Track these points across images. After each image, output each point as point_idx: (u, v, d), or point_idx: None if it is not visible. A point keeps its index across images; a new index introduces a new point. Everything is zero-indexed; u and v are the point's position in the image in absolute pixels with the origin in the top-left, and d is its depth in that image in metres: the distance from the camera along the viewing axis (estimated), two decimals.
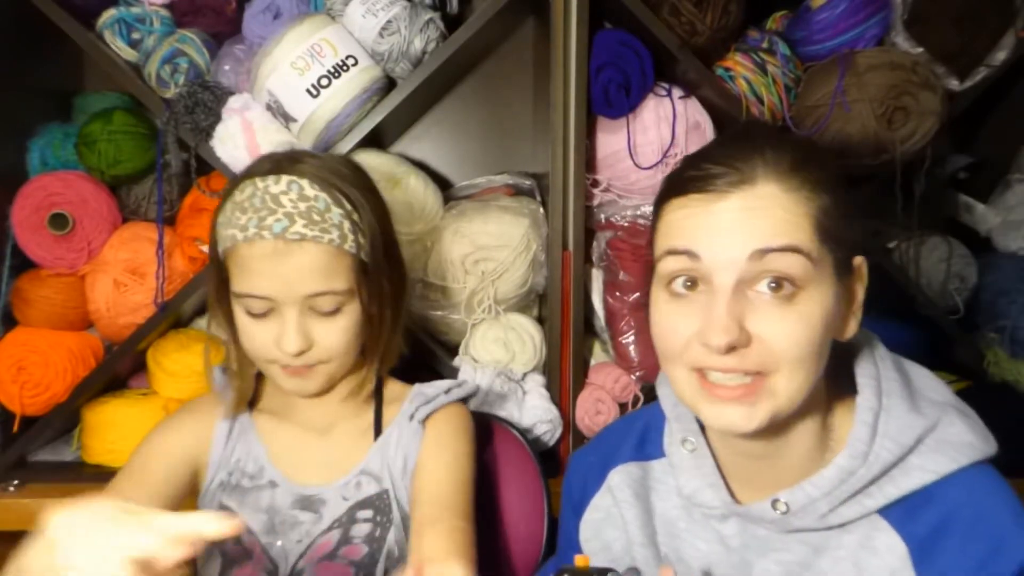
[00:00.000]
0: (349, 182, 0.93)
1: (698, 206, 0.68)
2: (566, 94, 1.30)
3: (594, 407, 1.35)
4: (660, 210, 0.73)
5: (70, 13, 1.30)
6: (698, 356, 0.68)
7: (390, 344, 1.00)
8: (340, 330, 0.93)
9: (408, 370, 1.33)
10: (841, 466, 0.70)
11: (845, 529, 0.72)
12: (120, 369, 1.44)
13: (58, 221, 1.31)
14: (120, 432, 1.37)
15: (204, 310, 1.48)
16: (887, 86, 1.28)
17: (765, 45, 1.39)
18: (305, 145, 1.37)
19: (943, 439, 0.71)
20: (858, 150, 1.32)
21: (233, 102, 1.34)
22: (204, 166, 1.36)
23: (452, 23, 1.39)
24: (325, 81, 1.30)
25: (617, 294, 1.38)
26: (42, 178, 1.34)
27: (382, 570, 0.95)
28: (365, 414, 1.02)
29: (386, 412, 1.02)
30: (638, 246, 1.37)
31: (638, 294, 1.37)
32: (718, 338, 0.65)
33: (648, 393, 1.37)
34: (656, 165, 1.36)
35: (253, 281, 0.89)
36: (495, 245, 1.34)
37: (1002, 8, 1.39)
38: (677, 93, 1.39)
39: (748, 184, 0.67)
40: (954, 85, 1.41)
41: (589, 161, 1.39)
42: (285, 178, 0.90)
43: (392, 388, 1.05)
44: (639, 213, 1.38)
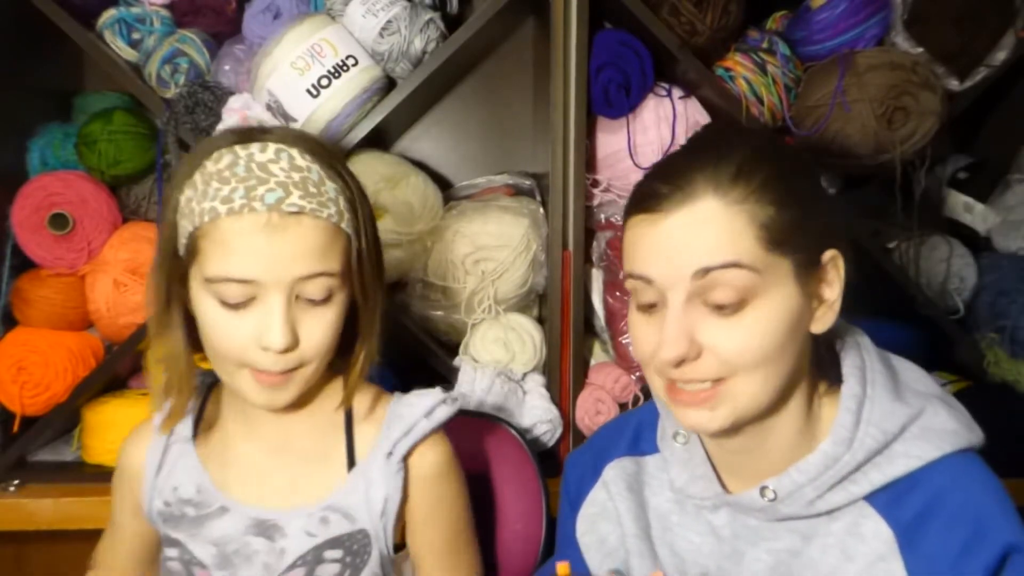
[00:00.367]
0: (335, 154, 0.83)
1: (647, 227, 0.71)
2: (566, 94, 1.30)
3: (594, 407, 1.35)
4: (624, 224, 0.75)
5: (70, 13, 1.30)
6: (661, 366, 0.73)
7: (371, 347, 0.88)
8: (327, 324, 0.81)
9: (408, 370, 1.34)
10: (825, 452, 0.72)
11: (832, 516, 0.73)
12: (120, 369, 1.44)
13: (58, 221, 1.31)
14: (120, 432, 1.36)
15: None
16: (887, 86, 1.28)
17: (765, 45, 1.39)
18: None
19: (927, 427, 0.72)
20: (858, 150, 1.32)
21: (233, 102, 1.34)
22: None
23: (452, 23, 1.39)
24: (325, 81, 1.30)
25: (617, 294, 1.38)
26: (42, 178, 1.34)
27: None
28: (332, 430, 0.89)
29: (358, 434, 0.89)
30: None
31: None
32: (666, 353, 0.70)
33: (648, 393, 1.37)
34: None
35: (236, 261, 0.75)
36: (495, 245, 1.34)
37: (1002, 8, 1.39)
38: (677, 93, 1.39)
39: (690, 202, 0.68)
40: (954, 85, 1.41)
41: (589, 161, 1.39)
42: (272, 145, 0.78)
43: (363, 400, 0.91)
44: None
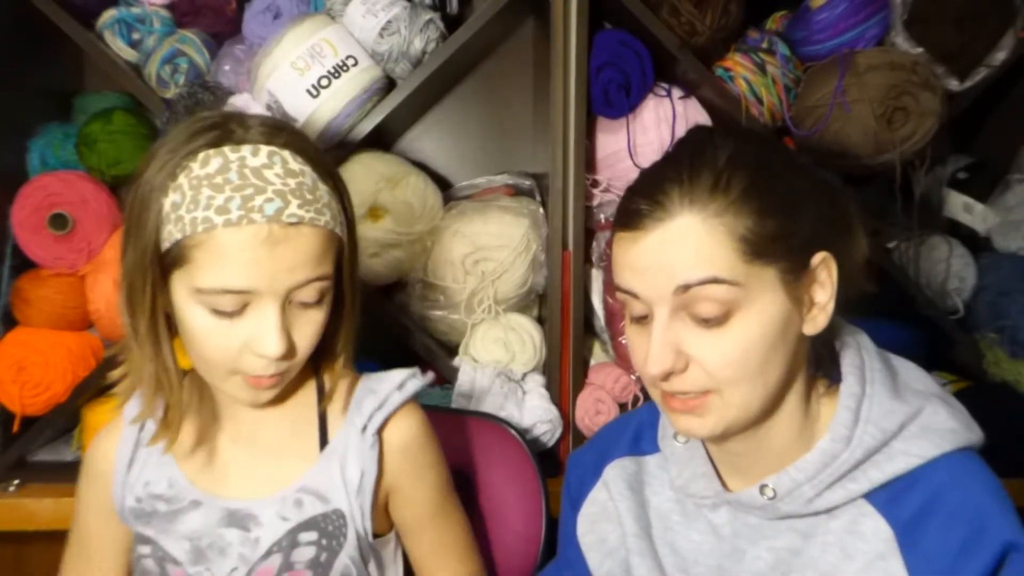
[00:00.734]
0: (316, 148, 0.82)
1: (630, 244, 0.71)
2: (566, 94, 1.30)
3: (594, 407, 1.35)
4: (612, 238, 0.75)
5: (70, 13, 1.30)
6: (650, 380, 0.74)
7: (353, 335, 0.89)
8: (317, 324, 0.81)
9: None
10: (824, 449, 0.72)
11: (832, 515, 0.73)
12: None
13: (58, 221, 1.31)
14: None
15: None
16: (887, 86, 1.28)
17: (765, 45, 1.39)
18: None
19: (926, 425, 0.72)
20: (858, 150, 1.32)
21: (233, 102, 1.34)
22: None
23: (452, 23, 1.39)
24: (325, 81, 1.30)
25: (617, 294, 1.38)
26: (42, 178, 1.34)
27: None
28: (304, 413, 0.89)
29: (330, 414, 0.89)
30: None
31: None
32: (651, 369, 0.71)
33: (648, 393, 1.37)
34: None
35: (233, 273, 0.74)
36: (495, 245, 1.34)
37: (1002, 8, 1.39)
38: (677, 93, 1.39)
39: (668, 218, 0.68)
40: (954, 85, 1.41)
41: (589, 161, 1.39)
42: (264, 148, 0.76)
43: (331, 378, 0.90)
44: None
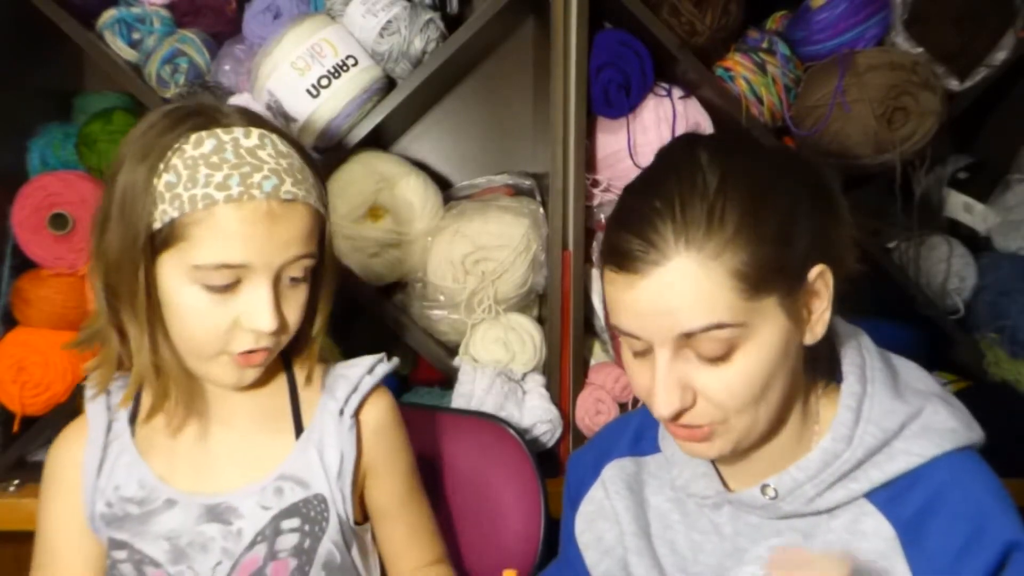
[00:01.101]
0: (291, 136, 0.85)
1: (624, 288, 0.69)
2: (566, 94, 1.30)
3: (594, 407, 1.35)
4: (601, 271, 0.73)
5: (70, 13, 1.30)
6: (658, 418, 0.72)
7: (327, 316, 0.90)
8: (302, 300, 0.84)
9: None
10: (825, 449, 0.72)
11: (833, 514, 0.73)
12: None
13: (58, 221, 1.31)
14: None
15: None
16: (887, 86, 1.28)
17: (765, 45, 1.39)
18: (306, 146, 1.37)
19: (927, 425, 0.72)
20: (858, 150, 1.32)
21: (233, 102, 1.34)
22: None
23: (452, 23, 1.39)
24: (325, 81, 1.30)
25: None
26: (42, 178, 1.34)
27: None
28: (275, 402, 0.90)
29: (303, 401, 0.90)
30: None
31: None
32: (661, 411, 0.70)
33: None
34: None
35: (232, 247, 0.76)
36: (495, 245, 1.34)
37: (1002, 8, 1.39)
38: (677, 93, 1.39)
39: (663, 260, 0.66)
40: (954, 85, 1.41)
41: (589, 161, 1.39)
42: (255, 131, 0.79)
43: (301, 366, 0.91)
44: None
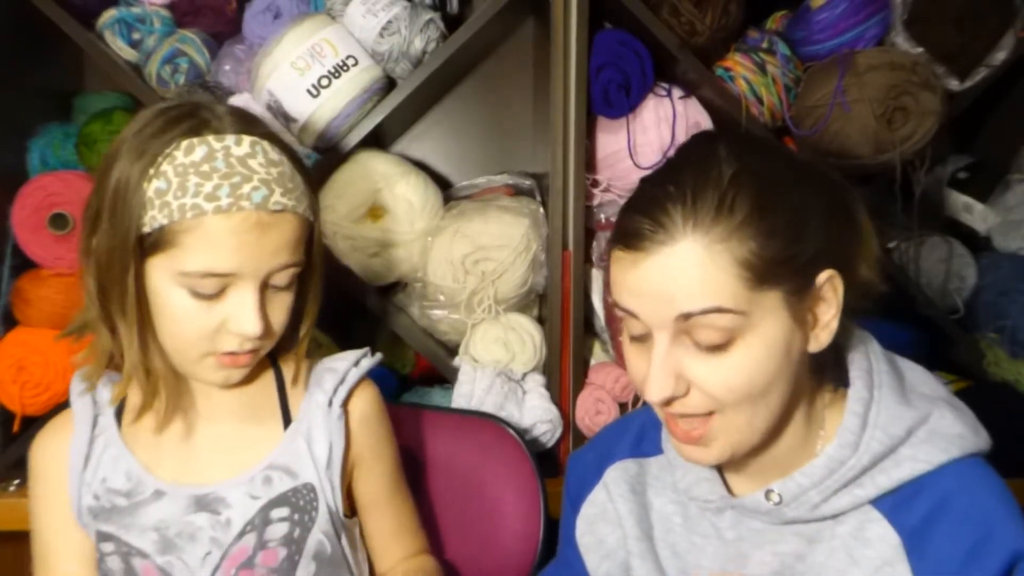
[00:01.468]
0: (284, 140, 0.85)
1: (629, 266, 0.69)
2: (566, 94, 1.30)
3: (594, 407, 1.35)
4: (609, 253, 0.73)
5: (70, 13, 1.29)
6: (651, 404, 0.72)
7: (314, 316, 0.92)
8: (287, 306, 0.85)
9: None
10: (831, 455, 0.71)
11: (838, 520, 0.72)
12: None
13: (58, 221, 1.31)
14: None
15: None
16: (887, 86, 1.28)
17: (765, 45, 1.39)
18: (306, 146, 1.37)
19: (934, 431, 0.71)
20: (858, 150, 1.32)
21: (233, 102, 1.34)
22: None
23: (452, 23, 1.39)
24: (325, 81, 1.30)
25: None
26: (42, 178, 1.34)
27: (309, 572, 0.88)
28: (264, 396, 0.92)
29: (290, 394, 0.92)
30: None
31: None
32: (652, 395, 0.69)
33: None
34: (656, 165, 1.36)
35: (220, 257, 0.78)
36: (495, 245, 1.34)
37: (1002, 8, 1.39)
38: (677, 93, 1.39)
39: (670, 241, 0.66)
40: (954, 85, 1.41)
41: (589, 161, 1.39)
42: (246, 139, 0.80)
43: (288, 362, 0.93)
44: None
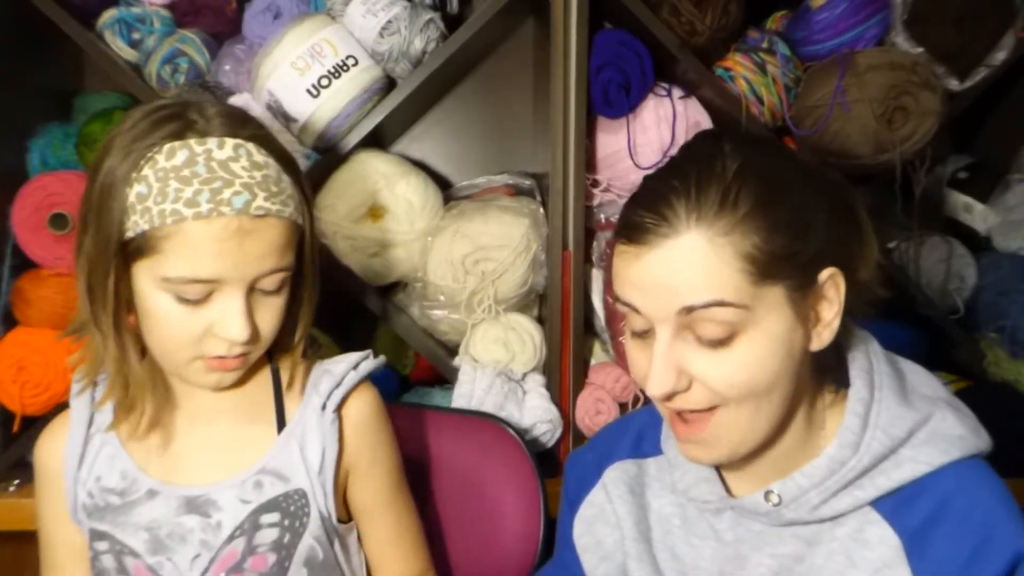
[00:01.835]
0: (278, 142, 0.83)
1: (631, 259, 0.69)
2: (566, 94, 1.30)
3: (594, 407, 1.35)
4: (612, 246, 0.74)
5: (70, 13, 1.29)
6: (652, 398, 0.72)
7: (310, 319, 0.91)
8: (277, 310, 0.83)
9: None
10: (832, 456, 0.71)
11: (837, 522, 0.72)
12: None
13: (58, 221, 1.31)
14: None
15: None
16: (887, 86, 1.28)
17: (765, 45, 1.39)
18: (306, 146, 1.37)
19: (935, 432, 0.71)
20: (858, 150, 1.32)
21: (233, 102, 1.34)
22: None
23: (452, 23, 1.39)
24: (325, 81, 1.30)
25: None
26: (42, 178, 1.34)
27: None
28: (260, 399, 0.90)
29: (287, 397, 0.91)
30: None
31: None
32: (654, 389, 0.69)
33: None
34: (656, 165, 1.36)
35: (202, 263, 0.76)
36: (495, 245, 1.34)
37: (1002, 8, 1.39)
38: (677, 93, 1.39)
39: (673, 234, 0.66)
40: (954, 85, 1.41)
41: (589, 161, 1.39)
42: (230, 142, 0.78)
43: (286, 364, 0.92)
44: None
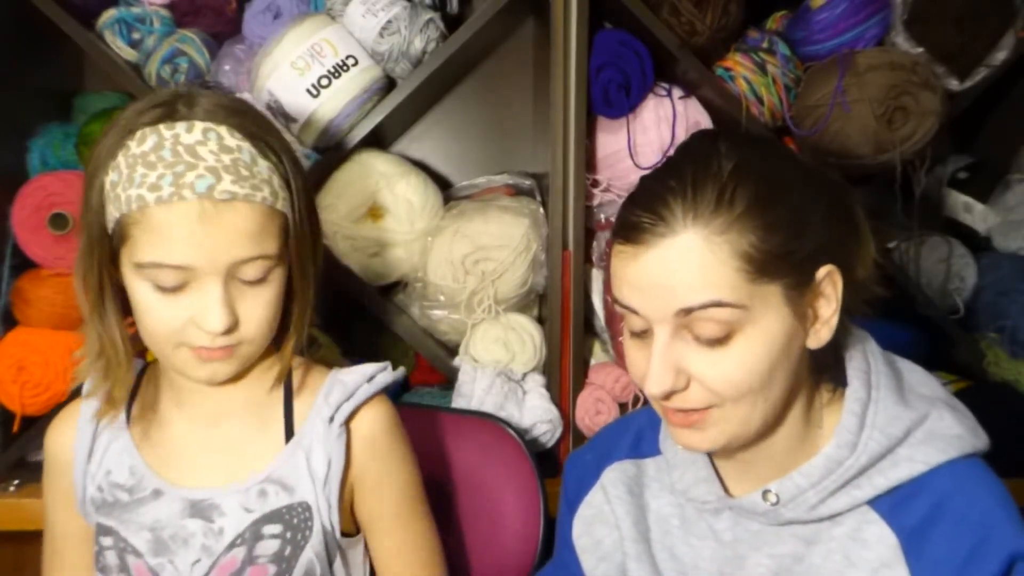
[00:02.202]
0: (266, 128, 0.81)
1: (629, 259, 0.69)
2: (566, 94, 1.30)
3: (594, 407, 1.35)
4: (611, 248, 0.74)
5: (70, 13, 1.29)
6: (650, 397, 0.73)
7: (308, 318, 0.88)
8: (265, 303, 0.81)
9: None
10: (829, 455, 0.71)
11: (835, 521, 0.72)
12: None
13: (58, 221, 1.30)
14: None
15: None
16: (887, 86, 1.28)
17: (765, 45, 1.39)
18: (306, 146, 1.37)
19: (932, 431, 0.71)
20: (858, 150, 1.32)
21: None
22: None
23: (452, 23, 1.39)
24: (325, 81, 1.30)
25: None
26: (42, 178, 1.34)
27: None
28: (270, 404, 0.89)
29: (297, 405, 0.89)
30: None
31: None
32: (652, 389, 0.69)
33: None
34: (656, 165, 1.36)
35: (168, 249, 0.75)
36: (495, 245, 1.34)
37: (1002, 8, 1.39)
38: (677, 93, 1.39)
39: (670, 234, 0.66)
40: (954, 85, 1.41)
41: (589, 161, 1.39)
42: (199, 125, 0.75)
43: (302, 373, 0.90)
44: None
